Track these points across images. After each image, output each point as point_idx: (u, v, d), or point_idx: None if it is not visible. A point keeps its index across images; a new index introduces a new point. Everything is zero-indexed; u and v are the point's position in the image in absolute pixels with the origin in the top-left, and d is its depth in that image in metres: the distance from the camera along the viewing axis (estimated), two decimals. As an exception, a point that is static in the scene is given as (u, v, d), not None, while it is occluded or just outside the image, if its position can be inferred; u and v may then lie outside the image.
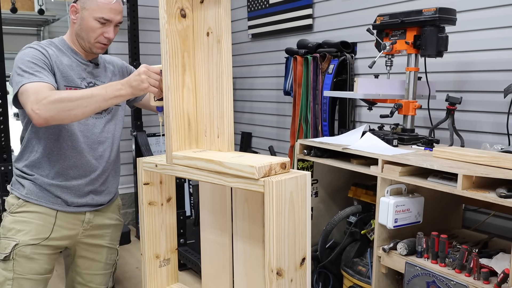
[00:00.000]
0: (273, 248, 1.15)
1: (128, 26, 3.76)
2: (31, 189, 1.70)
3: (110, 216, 1.89)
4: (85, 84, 1.71)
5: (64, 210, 1.73)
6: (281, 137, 3.68)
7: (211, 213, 1.53)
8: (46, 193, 1.70)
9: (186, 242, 3.33)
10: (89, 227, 1.81)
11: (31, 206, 1.69)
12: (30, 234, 1.66)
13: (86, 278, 1.87)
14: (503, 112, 2.14)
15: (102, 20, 1.66)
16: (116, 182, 1.90)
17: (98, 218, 1.84)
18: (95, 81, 1.76)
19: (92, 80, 1.75)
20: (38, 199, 1.70)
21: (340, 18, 3.00)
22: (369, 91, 2.19)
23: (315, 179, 2.39)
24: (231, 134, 1.37)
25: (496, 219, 2.18)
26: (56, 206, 1.72)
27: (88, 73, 1.75)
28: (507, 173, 1.56)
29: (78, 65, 1.72)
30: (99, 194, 1.81)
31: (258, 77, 3.90)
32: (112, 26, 1.70)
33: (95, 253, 1.86)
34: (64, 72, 1.66)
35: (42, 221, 1.69)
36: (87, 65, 1.75)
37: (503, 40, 2.14)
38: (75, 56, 1.73)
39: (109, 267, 1.92)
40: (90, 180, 1.76)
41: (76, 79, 1.69)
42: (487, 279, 1.59)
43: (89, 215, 1.80)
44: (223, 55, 1.32)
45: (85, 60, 1.75)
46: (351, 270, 2.19)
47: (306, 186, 1.22)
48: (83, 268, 1.87)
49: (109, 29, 1.69)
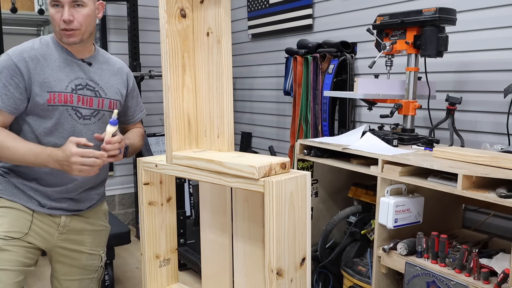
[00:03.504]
0: (273, 248, 1.15)
1: (128, 26, 3.76)
2: (5, 185, 1.65)
3: (91, 221, 1.81)
4: (72, 86, 1.62)
5: (39, 210, 1.67)
6: (281, 137, 3.68)
7: (211, 213, 1.53)
8: (20, 192, 1.65)
9: (186, 242, 3.33)
10: (66, 231, 1.73)
11: (5, 201, 1.64)
12: (2, 227, 1.60)
13: (63, 284, 1.81)
14: (503, 112, 2.13)
15: (54, 3, 1.55)
16: (100, 190, 1.82)
17: (75, 222, 1.75)
18: (87, 82, 1.66)
19: (84, 81, 1.65)
20: (12, 196, 1.64)
21: (340, 18, 3.00)
22: (369, 91, 2.19)
23: (315, 179, 2.39)
24: (231, 134, 1.37)
25: (496, 219, 2.17)
26: (30, 205, 1.65)
27: (80, 72, 1.65)
28: (507, 173, 1.56)
29: (68, 64, 1.63)
30: (77, 202, 1.73)
31: (258, 77, 3.90)
32: (67, 7, 1.54)
33: (73, 258, 1.78)
34: (49, 77, 1.58)
35: (17, 216, 1.63)
36: (79, 64, 1.65)
37: (503, 40, 2.14)
38: (65, 55, 1.63)
39: (90, 273, 1.83)
40: (66, 189, 1.68)
41: (63, 82, 1.60)
42: (487, 279, 1.59)
43: (65, 218, 1.72)
44: (223, 55, 1.32)
45: (77, 58, 1.65)
46: (351, 270, 2.19)
47: (306, 186, 1.22)
48: (60, 273, 1.80)
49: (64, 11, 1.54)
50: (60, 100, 1.59)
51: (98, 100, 1.68)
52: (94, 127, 1.68)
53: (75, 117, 1.63)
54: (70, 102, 1.61)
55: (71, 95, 1.61)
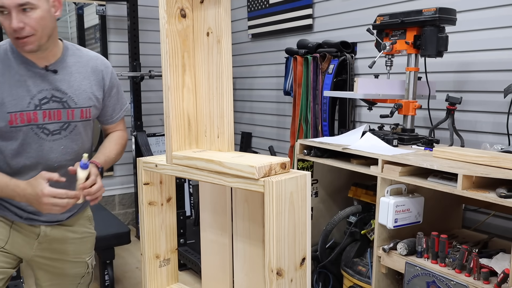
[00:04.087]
0: (273, 248, 1.15)
1: (128, 26, 3.76)
2: None
3: (74, 229, 1.69)
4: (36, 102, 1.46)
5: (18, 221, 1.57)
6: (281, 137, 3.68)
7: (211, 213, 1.53)
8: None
9: (186, 242, 3.33)
10: (45, 241, 1.62)
11: None
12: None
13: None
14: (503, 112, 2.14)
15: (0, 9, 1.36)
16: None
17: (56, 232, 1.64)
18: (53, 93, 1.50)
19: (49, 93, 1.49)
20: None
21: (340, 18, 3.00)
22: (369, 91, 2.19)
23: (315, 179, 2.39)
24: (231, 134, 1.37)
25: (496, 219, 2.18)
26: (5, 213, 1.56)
27: (44, 83, 1.48)
28: (507, 173, 1.56)
29: (30, 77, 1.46)
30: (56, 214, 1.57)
31: (258, 77, 3.90)
32: (14, 13, 1.34)
33: (55, 267, 1.69)
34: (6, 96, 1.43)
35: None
36: (42, 74, 1.48)
37: (503, 40, 2.14)
38: (25, 66, 1.46)
39: (75, 279, 1.74)
40: None
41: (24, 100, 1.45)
42: (487, 279, 1.59)
43: (45, 228, 1.61)
44: (223, 55, 1.32)
45: (39, 67, 1.47)
46: (351, 270, 2.19)
47: (306, 186, 1.22)
48: (42, 280, 1.70)
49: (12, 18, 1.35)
50: (22, 120, 1.45)
51: (67, 112, 1.53)
52: (66, 141, 1.56)
53: (42, 135, 1.50)
54: (34, 121, 1.47)
55: (34, 112, 1.47)
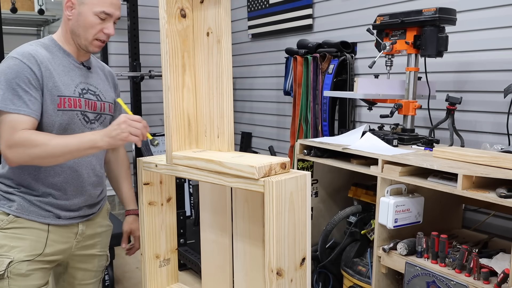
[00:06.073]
0: (273, 248, 1.15)
1: (128, 26, 3.75)
2: (21, 204, 1.60)
3: (101, 223, 1.82)
4: (79, 91, 1.61)
5: (56, 224, 1.64)
6: (281, 137, 3.68)
7: (211, 213, 1.53)
8: (37, 208, 1.61)
9: (186, 242, 3.33)
10: (82, 239, 1.73)
11: (23, 221, 1.59)
12: (25, 251, 1.58)
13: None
14: (503, 112, 2.14)
15: (103, 15, 1.56)
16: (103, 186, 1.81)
17: (90, 228, 1.76)
18: (89, 86, 1.65)
19: (86, 86, 1.65)
20: (29, 214, 1.60)
21: (340, 18, 3.00)
22: (369, 91, 2.19)
23: (315, 179, 2.39)
24: (231, 134, 1.37)
25: (496, 219, 2.18)
26: (48, 220, 1.62)
27: (82, 77, 1.64)
28: (507, 173, 1.56)
29: (72, 69, 1.62)
30: (90, 207, 1.73)
31: (258, 77, 3.90)
32: (112, 22, 1.60)
33: (87, 263, 1.79)
34: (57, 81, 1.55)
35: (36, 236, 1.60)
36: (80, 68, 1.65)
37: (503, 40, 2.14)
38: (68, 58, 1.62)
39: (100, 274, 1.86)
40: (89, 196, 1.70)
41: (70, 87, 1.59)
42: (487, 279, 1.59)
43: (82, 226, 1.72)
44: (223, 55, 1.32)
45: (78, 62, 1.64)
46: (351, 270, 2.19)
47: (306, 186, 1.22)
48: (77, 279, 1.79)
49: (109, 25, 1.59)
50: (70, 105, 1.57)
51: (100, 104, 1.67)
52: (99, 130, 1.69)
53: (84, 121, 1.62)
54: (79, 107, 1.60)
55: (79, 99, 1.60)
